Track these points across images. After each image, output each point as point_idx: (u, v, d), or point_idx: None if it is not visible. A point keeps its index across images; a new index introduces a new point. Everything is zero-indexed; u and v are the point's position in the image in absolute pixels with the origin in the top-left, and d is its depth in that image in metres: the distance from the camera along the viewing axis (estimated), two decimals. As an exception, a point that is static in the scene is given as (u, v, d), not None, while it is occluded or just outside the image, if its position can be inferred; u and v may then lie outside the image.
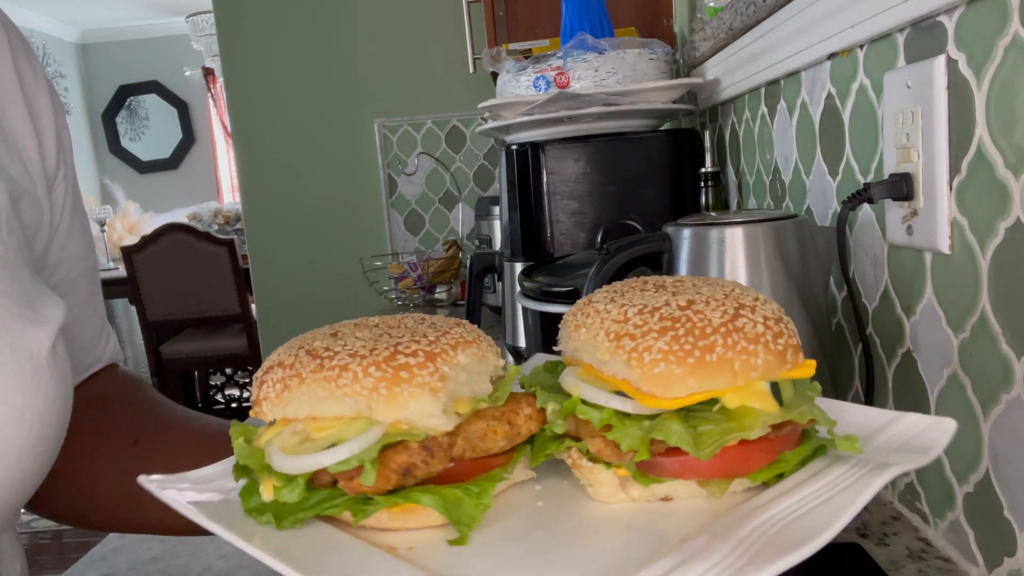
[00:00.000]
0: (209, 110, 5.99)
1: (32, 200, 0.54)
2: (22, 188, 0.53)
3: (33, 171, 0.55)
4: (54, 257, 0.58)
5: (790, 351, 0.41)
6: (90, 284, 0.63)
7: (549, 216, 1.18)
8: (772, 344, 0.41)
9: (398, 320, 0.46)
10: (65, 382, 0.50)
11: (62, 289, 0.59)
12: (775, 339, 0.41)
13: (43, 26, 5.46)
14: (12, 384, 0.44)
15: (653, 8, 1.63)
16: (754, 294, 0.44)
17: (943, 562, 0.60)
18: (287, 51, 2.54)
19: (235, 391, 4.31)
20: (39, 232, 0.56)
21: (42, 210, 0.56)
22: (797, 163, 0.91)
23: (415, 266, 2.06)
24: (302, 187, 2.60)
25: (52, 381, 0.47)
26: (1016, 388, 0.51)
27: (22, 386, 0.45)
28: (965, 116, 0.55)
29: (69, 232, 0.59)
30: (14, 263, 0.48)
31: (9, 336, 0.45)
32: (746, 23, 0.98)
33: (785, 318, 0.43)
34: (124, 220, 5.48)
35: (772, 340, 0.41)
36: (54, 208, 0.57)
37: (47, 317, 0.48)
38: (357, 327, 0.45)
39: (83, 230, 0.61)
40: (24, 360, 0.45)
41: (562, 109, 1.16)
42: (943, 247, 0.58)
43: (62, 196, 0.58)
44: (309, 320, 2.84)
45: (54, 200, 0.57)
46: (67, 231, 0.59)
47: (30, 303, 0.48)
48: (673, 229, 0.75)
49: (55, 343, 0.48)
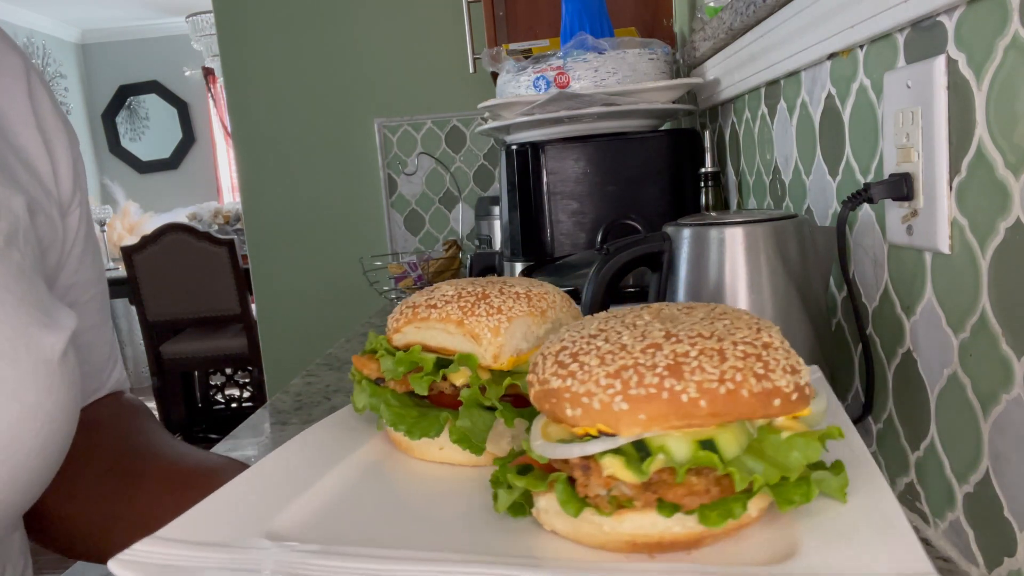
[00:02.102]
0: (209, 110, 5.99)
1: (47, 217, 0.56)
2: (39, 204, 0.55)
3: (47, 192, 0.57)
4: (66, 280, 0.60)
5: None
6: (100, 310, 0.64)
7: (549, 216, 1.18)
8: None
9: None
10: (75, 388, 0.51)
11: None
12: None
13: (43, 26, 5.46)
14: (27, 383, 0.46)
15: (653, 8, 1.63)
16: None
17: (943, 562, 0.60)
18: (287, 51, 2.54)
19: (235, 391, 4.31)
20: (51, 249, 0.58)
21: (56, 230, 0.58)
22: (797, 163, 0.91)
23: (415, 266, 2.06)
24: (302, 187, 2.60)
25: (63, 385, 0.49)
26: (1016, 388, 0.51)
27: (36, 386, 0.47)
28: (965, 116, 0.55)
29: (82, 257, 0.61)
30: (30, 272, 0.50)
31: (25, 338, 0.47)
32: (746, 23, 0.98)
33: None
34: (124, 220, 5.48)
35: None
36: (67, 232, 0.59)
37: (61, 324, 0.50)
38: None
39: (95, 257, 0.64)
40: (38, 362, 0.47)
41: (562, 109, 1.16)
42: (943, 247, 0.58)
43: (76, 222, 0.60)
44: (309, 320, 2.82)
45: (68, 225, 0.59)
46: (80, 256, 0.61)
47: (45, 310, 0.49)
48: (673, 229, 0.75)
49: (67, 348, 0.50)
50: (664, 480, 0.35)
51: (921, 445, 0.65)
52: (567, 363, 0.38)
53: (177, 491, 0.55)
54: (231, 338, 3.75)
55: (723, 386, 0.35)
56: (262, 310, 2.69)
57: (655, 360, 0.36)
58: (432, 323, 0.51)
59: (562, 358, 0.39)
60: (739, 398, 0.35)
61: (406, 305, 0.54)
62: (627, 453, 0.36)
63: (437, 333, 0.51)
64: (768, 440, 0.37)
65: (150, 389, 3.86)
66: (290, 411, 1.16)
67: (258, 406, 3.98)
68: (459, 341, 0.51)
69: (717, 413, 0.35)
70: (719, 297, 0.70)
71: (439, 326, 0.51)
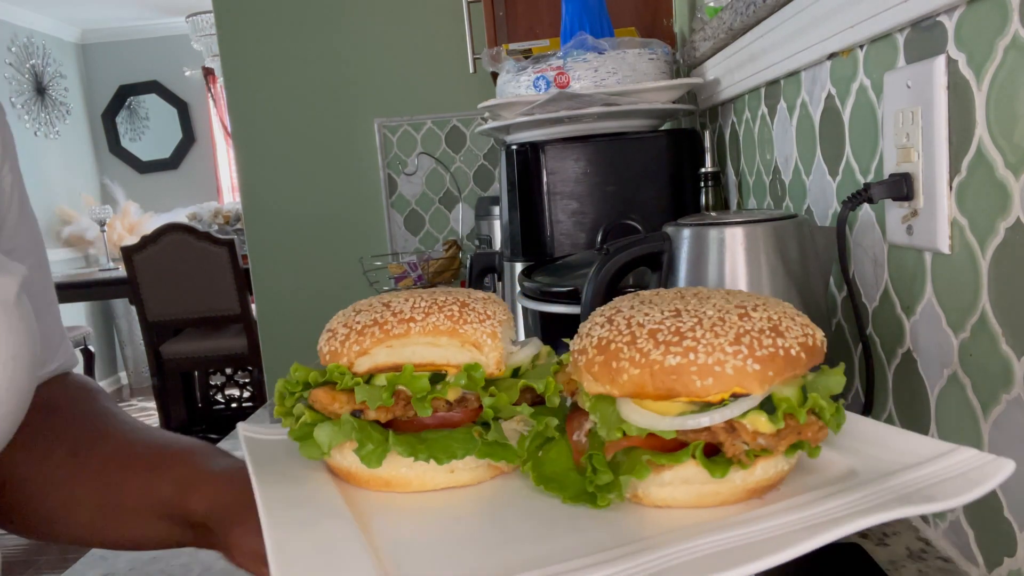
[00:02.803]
0: (209, 110, 5.98)
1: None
2: None
3: None
4: (5, 245, 0.60)
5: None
6: (42, 282, 0.63)
7: (549, 216, 1.18)
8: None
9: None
10: (33, 331, 0.51)
11: None
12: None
13: (43, 26, 5.46)
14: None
15: (653, 8, 1.63)
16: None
17: (943, 562, 0.60)
18: (287, 51, 2.54)
19: (235, 391, 4.31)
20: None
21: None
22: (797, 163, 0.91)
23: (415, 266, 2.06)
24: (302, 187, 2.60)
25: (21, 324, 0.49)
26: (1016, 388, 0.51)
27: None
28: (965, 116, 0.55)
29: (18, 225, 0.61)
30: None
31: None
32: (746, 23, 0.98)
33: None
34: (124, 220, 5.48)
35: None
36: (2, 192, 0.59)
37: (11, 269, 0.50)
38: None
39: (32, 229, 0.63)
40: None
41: (562, 109, 1.16)
42: (943, 247, 0.58)
43: (9, 186, 0.60)
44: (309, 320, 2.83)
45: (1, 185, 0.59)
46: (16, 223, 0.61)
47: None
48: (673, 229, 0.75)
49: (20, 293, 0.50)
50: (790, 425, 0.41)
51: (921, 445, 0.65)
52: (675, 341, 0.40)
53: (141, 474, 0.55)
54: (231, 338, 3.75)
55: (808, 339, 0.42)
56: (262, 310, 2.69)
57: (758, 324, 0.41)
58: (414, 337, 0.47)
59: (663, 338, 0.41)
60: (816, 349, 0.43)
61: (363, 326, 0.48)
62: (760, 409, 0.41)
63: (421, 348, 0.47)
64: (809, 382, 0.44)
65: (150, 389, 3.85)
66: (290, 411, 1.16)
67: (258, 406, 3.98)
68: (453, 353, 0.47)
69: (810, 362, 0.42)
70: (719, 297, 0.70)
71: (425, 339, 0.47)
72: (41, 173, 5.17)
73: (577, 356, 0.45)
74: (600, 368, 0.42)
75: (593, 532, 0.40)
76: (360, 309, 0.50)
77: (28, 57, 5.31)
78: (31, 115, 5.25)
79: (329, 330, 0.50)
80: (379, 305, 0.49)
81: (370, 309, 0.49)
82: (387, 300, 0.50)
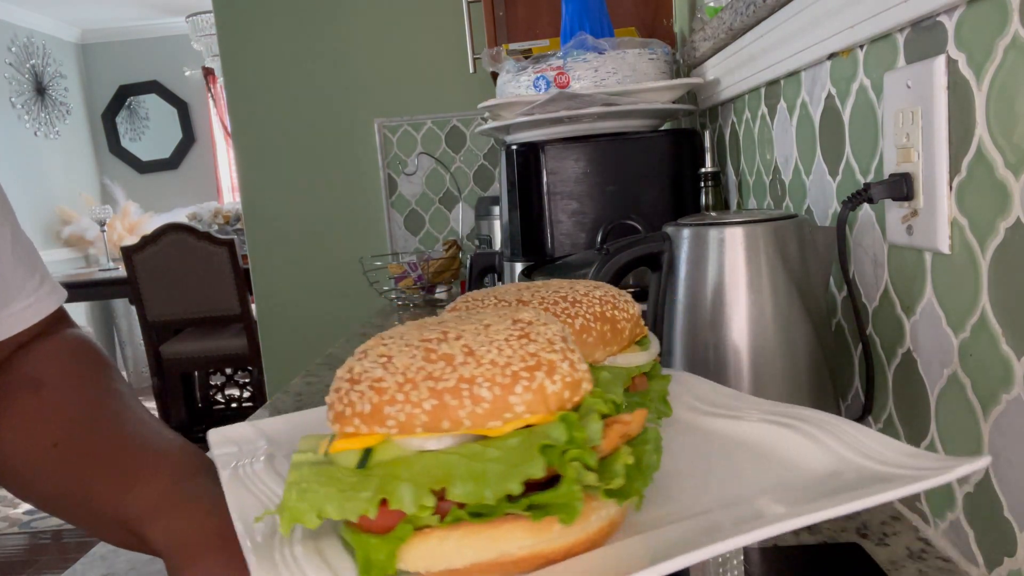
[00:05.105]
0: (209, 110, 5.99)
1: None
2: None
3: None
4: None
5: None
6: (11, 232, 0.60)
7: (549, 216, 1.18)
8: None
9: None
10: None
11: None
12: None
13: (43, 26, 5.46)
14: None
15: (653, 8, 1.63)
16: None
17: (943, 562, 0.60)
18: (287, 51, 2.54)
19: (235, 391, 4.31)
20: None
21: None
22: (797, 163, 0.91)
23: (415, 266, 2.06)
24: (302, 187, 2.60)
25: None
26: (1016, 388, 0.51)
27: None
28: (965, 116, 0.55)
29: None
30: None
31: None
32: (746, 23, 0.98)
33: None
34: (124, 220, 5.48)
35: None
36: None
37: None
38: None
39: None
40: None
41: (562, 109, 1.16)
42: (943, 247, 0.58)
43: None
44: (309, 320, 2.82)
45: None
46: None
47: None
48: (673, 229, 0.75)
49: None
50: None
51: (921, 445, 0.65)
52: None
53: (113, 484, 0.53)
54: (231, 338, 3.75)
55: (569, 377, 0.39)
56: (262, 310, 2.69)
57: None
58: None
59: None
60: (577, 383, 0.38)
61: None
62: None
63: None
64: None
65: (150, 389, 3.86)
66: (290, 411, 1.16)
67: (258, 406, 3.98)
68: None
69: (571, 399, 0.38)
70: (719, 297, 0.70)
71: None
72: (41, 173, 5.17)
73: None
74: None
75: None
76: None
77: (28, 57, 5.31)
78: (31, 115, 5.24)
79: None
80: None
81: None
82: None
